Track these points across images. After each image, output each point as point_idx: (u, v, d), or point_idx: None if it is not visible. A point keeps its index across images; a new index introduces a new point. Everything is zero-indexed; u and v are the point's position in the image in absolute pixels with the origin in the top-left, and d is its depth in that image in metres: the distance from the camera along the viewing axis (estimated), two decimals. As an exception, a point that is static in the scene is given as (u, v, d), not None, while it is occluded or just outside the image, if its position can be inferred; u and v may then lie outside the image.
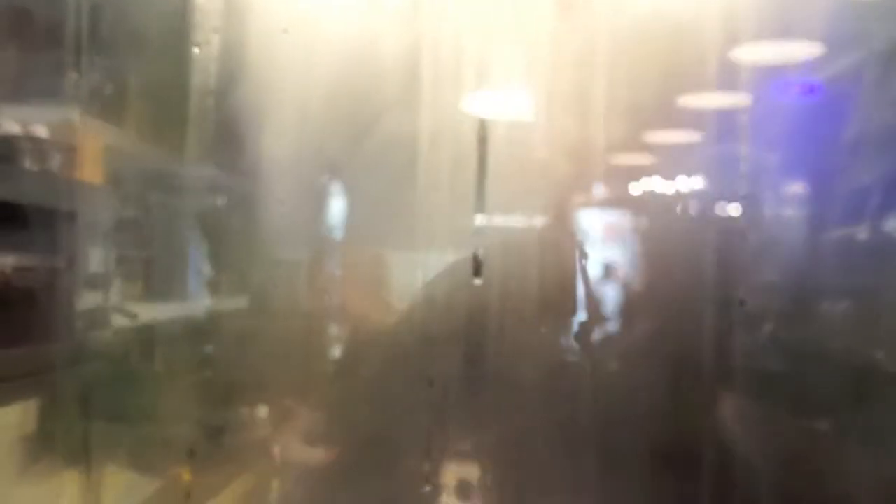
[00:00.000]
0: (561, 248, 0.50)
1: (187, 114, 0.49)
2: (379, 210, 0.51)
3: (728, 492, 0.50)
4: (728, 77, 0.49)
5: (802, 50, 0.49)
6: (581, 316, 0.51)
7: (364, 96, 0.50)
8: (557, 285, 0.50)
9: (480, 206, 0.50)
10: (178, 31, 0.49)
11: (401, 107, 0.50)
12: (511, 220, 0.50)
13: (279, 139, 0.50)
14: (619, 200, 0.51)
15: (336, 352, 0.52)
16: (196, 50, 0.49)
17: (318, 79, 0.50)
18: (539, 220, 0.50)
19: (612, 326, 0.51)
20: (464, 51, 0.50)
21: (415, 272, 0.50)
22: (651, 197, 0.51)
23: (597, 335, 0.51)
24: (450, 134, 0.50)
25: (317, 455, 0.52)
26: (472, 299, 0.49)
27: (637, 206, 0.51)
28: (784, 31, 0.49)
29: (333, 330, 0.52)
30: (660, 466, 0.51)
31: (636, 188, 0.51)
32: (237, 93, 0.50)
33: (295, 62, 0.50)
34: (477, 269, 0.49)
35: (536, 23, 0.50)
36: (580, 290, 0.50)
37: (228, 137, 0.50)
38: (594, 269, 0.50)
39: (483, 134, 0.50)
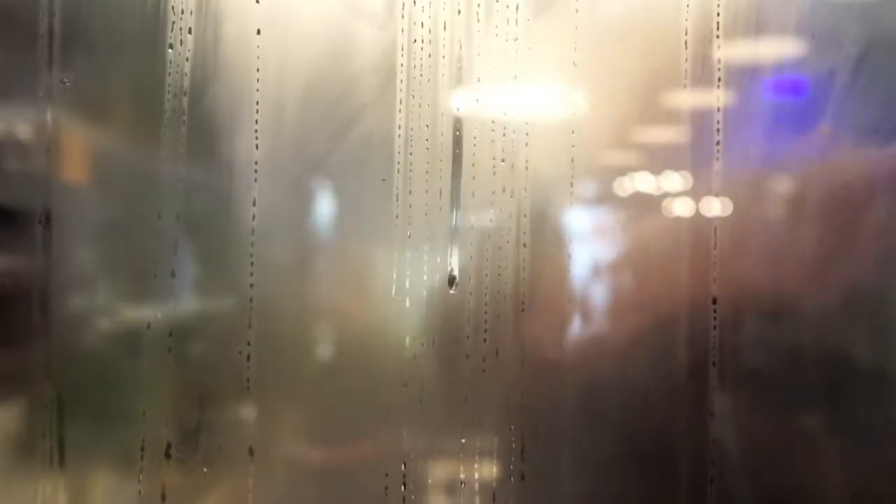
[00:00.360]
0: (539, 248, 0.50)
1: (162, 114, 0.49)
2: (355, 209, 0.51)
3: (708, 491, 0.50)
4: (707, 74, 0.49)
5: (784, 47, 0.49)
6: (560, 315, 0.51)
7: (339, 96, 0.50)
8: (537, 285, 0.50)
9: (457, 205, 0.50)
10: (152, 32, 0.49)
11: (377, 106, 0.50)
12: (488, 220, 0.50)
13: (253, 139, 0.50)
14: (598, 199, 0.51)
15: (315, 352, 0.52)
16: (170, 50, 0.49)
17: (293, 79, 0.50)
18: (516, 220, 0.50)
19: (592, 325, 0.51)
20: (439, 51, 0.50)
21: (391, 271, 0.50)
22: (633, 196, 0.51)
23: (577, 335, 0.51)
24: (426, 133, 0.50)
25: (292, 456, 0.52)
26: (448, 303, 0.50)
27: (617, 205, 0.51)
28: (765, 27, 0.49)
29: (312, 330, 0.52)
30: (643, 466, 0.51)
31: (616, 187, 0.51)
32: (212, 93, 0.50)
33: (269, 62, 0.50)
34: (451, 281, 0.50)
35: (513, 21, 0.50)
36: (559, 290, 0.51)
37: (203, 137, 0.50)
38: (573, 269, 0.51)
39: (459, 133, 0.50)
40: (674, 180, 0.50)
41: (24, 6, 0.50)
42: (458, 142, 0.50)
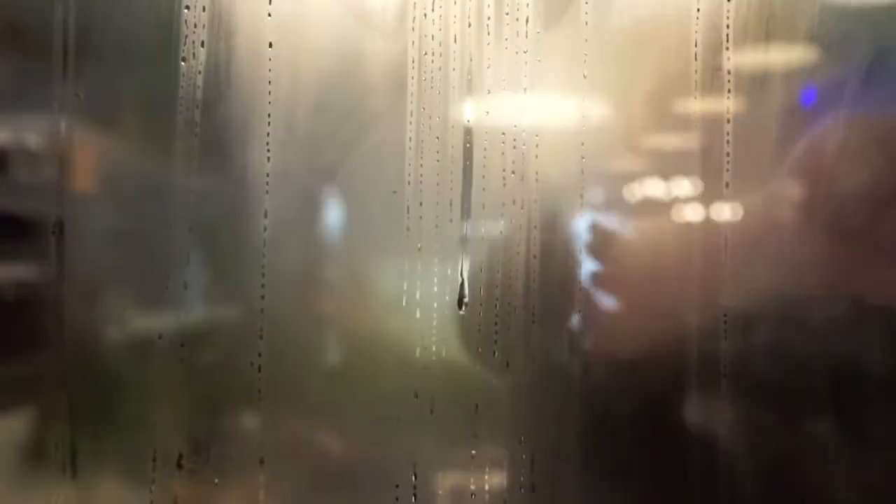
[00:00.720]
0: (549, 259, 0.50)
1: (175, 126, 0.50)
2: (366, 221, 0.52)
3: (716, 497, 0.49)
4: (717, 83, 0.50)
5: (794, 55, 0.50)
6: (570, 326, 0.51)
7: (351, 109, 0.51)
8: (547, 296, 0.50)
9: (467, 216, 0.50)
10: (165, 45, 0.50)
11: (387, 118, 0.50)
12: (498, 231, 0.50)
13: (265, 151, 0.50)
14: (608, 210, 0.51)
15: (326, 362, 0.52)
16: (183, 63, 0.50)
17: (305, 91, 0.51)
18: (527, 231, 0.50)
19: (602, 336, 0.51)
20: (450, 63, 0.50)
21: (401, 282, 0.50)
22: (642, 207, 0.51)
23: (587, 345, 0.51)
24: (436, 144, 0.50)
25: (302, 466, 0.52)
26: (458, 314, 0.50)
27: (627, 215, 0.51)
28: (775, 36, 0.49)
29: (323, 340, 0.52)
30: (653, 478, 0.51)
31: (626, 198, 0.51)
32: (224, 105, 0.50)
33: (281, 75, 0.50)
34: (460, 302, 0.50)
35: (522, 34, 0.50)
36: (568, 301, 0.51)
37: (215, 149, 0.50)
38: (583, 279, 0.51)
39: (469, 144, 0.50)
40: (684, 190, 0.50)
41: (37, 19, 0.51)
42: (468, 153, 0.50)
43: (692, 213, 0.50)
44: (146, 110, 0.52)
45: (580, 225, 0.51)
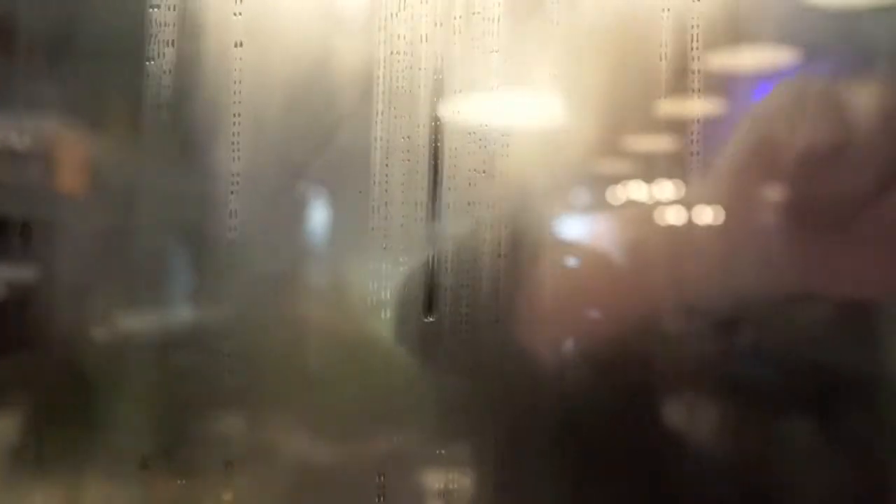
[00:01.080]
0: (517, 259, 0.50)
1: (141, 126, 0.50)
2: (332, 221, 0.52)
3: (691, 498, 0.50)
4: (685, 85, 0.50)
5: (763, 58, 0.50)
6: (539, 327, 0.51)
7: (318, 109, 0.51)
8: (514, 297, 0.50)
9: (434, 216, 0.50)
10: (132, 45, 0.50)
11: (355, 118, 0.50)
12: (466, 231, 0.50)
13: (231, 151, 0.50)
14: (578, 210, 0.51)
15: (293, 364, 0.52)
16: (149, 63, 0.50)
17: (273, 92, 0.51)
18: (494, 231, 0.50)
19: (571, 336, 0.51)
20: (418, 63, 0.50)
21: (367, 282, 0.50)
22: (611, 206, 0.51)
23: (556, 345, 0.51)
24: (404, 144, 0.50)
25: (274, 468, 0.52)
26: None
27: (596, 215, 0.51)
28: (743, 38, 0.49)
29: (289, 342, 0.52)
30: (626, 478, 0.51)
31: (595, 197, 0.51)
32: (191, 105, 0.50)
33: (249, 75, 0.50)
34: (429, 306, 0.50)
35: (491, 33, 0.50)
36: (537, 301, 0.51)
37: (182, 150, 0.50)
38: (551, 280, 0.51)
39: (437, 144, 0.50)
40: (652, 190, 0.50)
41: (1, 18, 0.51)
42: (436, 153, 0.50)
43: (663, 213, 0.50)
44: (112, 110, 0.52)
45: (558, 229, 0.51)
